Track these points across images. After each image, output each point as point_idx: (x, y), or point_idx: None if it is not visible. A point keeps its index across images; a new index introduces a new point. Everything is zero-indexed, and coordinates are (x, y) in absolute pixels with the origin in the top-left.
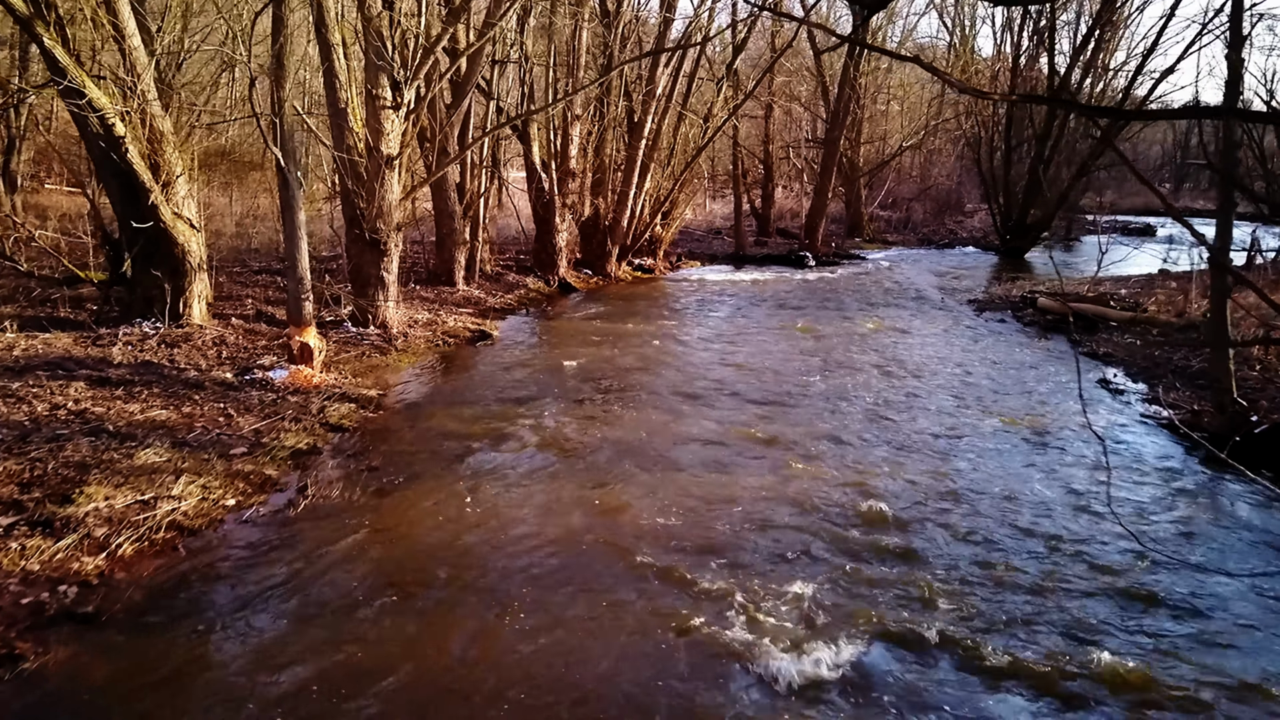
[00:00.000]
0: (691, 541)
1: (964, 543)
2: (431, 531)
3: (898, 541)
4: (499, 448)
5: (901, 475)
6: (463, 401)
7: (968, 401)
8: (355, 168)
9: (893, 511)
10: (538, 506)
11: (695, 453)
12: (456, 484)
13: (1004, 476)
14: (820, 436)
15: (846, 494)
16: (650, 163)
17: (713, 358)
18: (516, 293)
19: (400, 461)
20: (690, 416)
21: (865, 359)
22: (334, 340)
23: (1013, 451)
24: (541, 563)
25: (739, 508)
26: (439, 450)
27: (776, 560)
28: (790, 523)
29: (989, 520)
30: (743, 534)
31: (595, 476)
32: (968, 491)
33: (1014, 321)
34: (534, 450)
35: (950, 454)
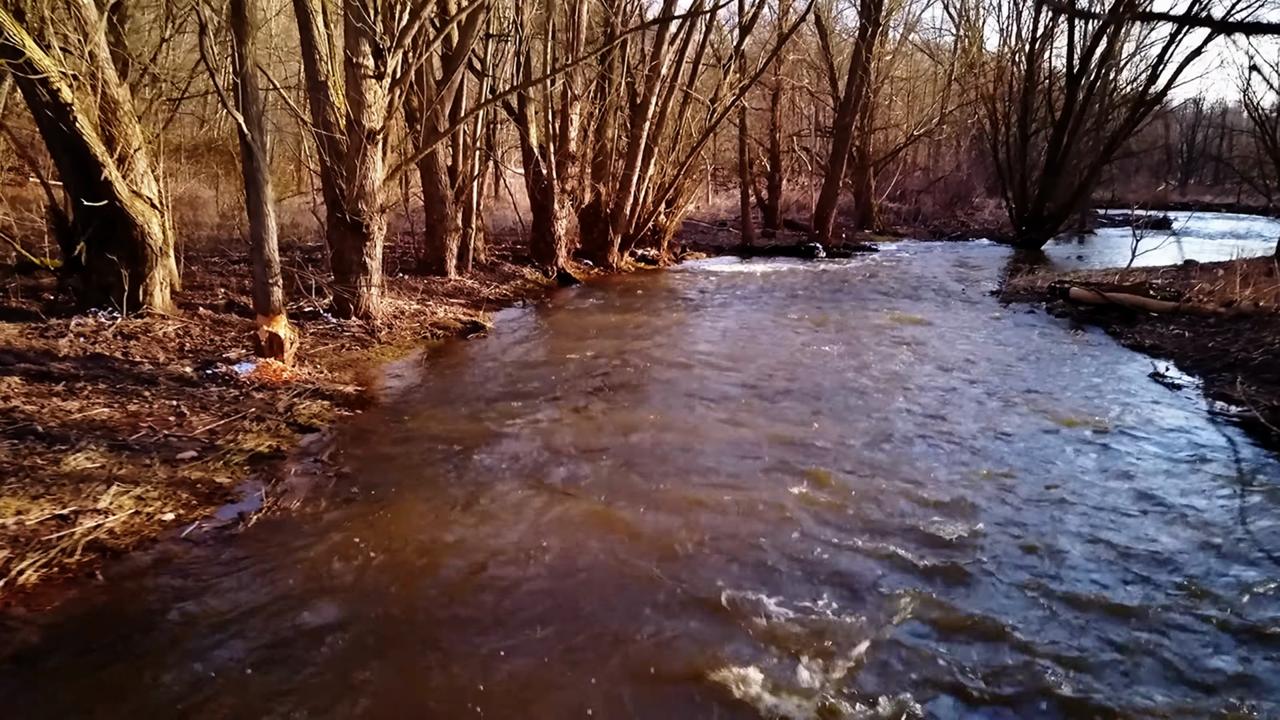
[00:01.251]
0: (718, 572)
1: (1058, 573)
2: (406, 555)
3: (968, 568)
4: (490, 452)
5: (958, 484)
6: (450, 399)
7: (1013, 399)
8: (336, 146)
9: (955, 530)
10: (533, 524)
11: (713, 460)
12: (439, 495)
13: (1081, 486)
14: (856, 439)
15: (898, 507)
16: (654, 147)
17: (726, 352)
18: (512, 283)
19: (375, 468)
20: (705, 418)
21: (892, 352)
22: (311, 332)
23: (1080, 456)
24: (537, 598)
25: (767, 524)
26: (421, 454)
27: (824, 595)
28: (835, 543)
29: (1077, 540)
30: (775, 557)
31: (599, 487)
32: (1042, 505)
33: (1044, 313)
34: (529, 456)
35: (1011, 459)
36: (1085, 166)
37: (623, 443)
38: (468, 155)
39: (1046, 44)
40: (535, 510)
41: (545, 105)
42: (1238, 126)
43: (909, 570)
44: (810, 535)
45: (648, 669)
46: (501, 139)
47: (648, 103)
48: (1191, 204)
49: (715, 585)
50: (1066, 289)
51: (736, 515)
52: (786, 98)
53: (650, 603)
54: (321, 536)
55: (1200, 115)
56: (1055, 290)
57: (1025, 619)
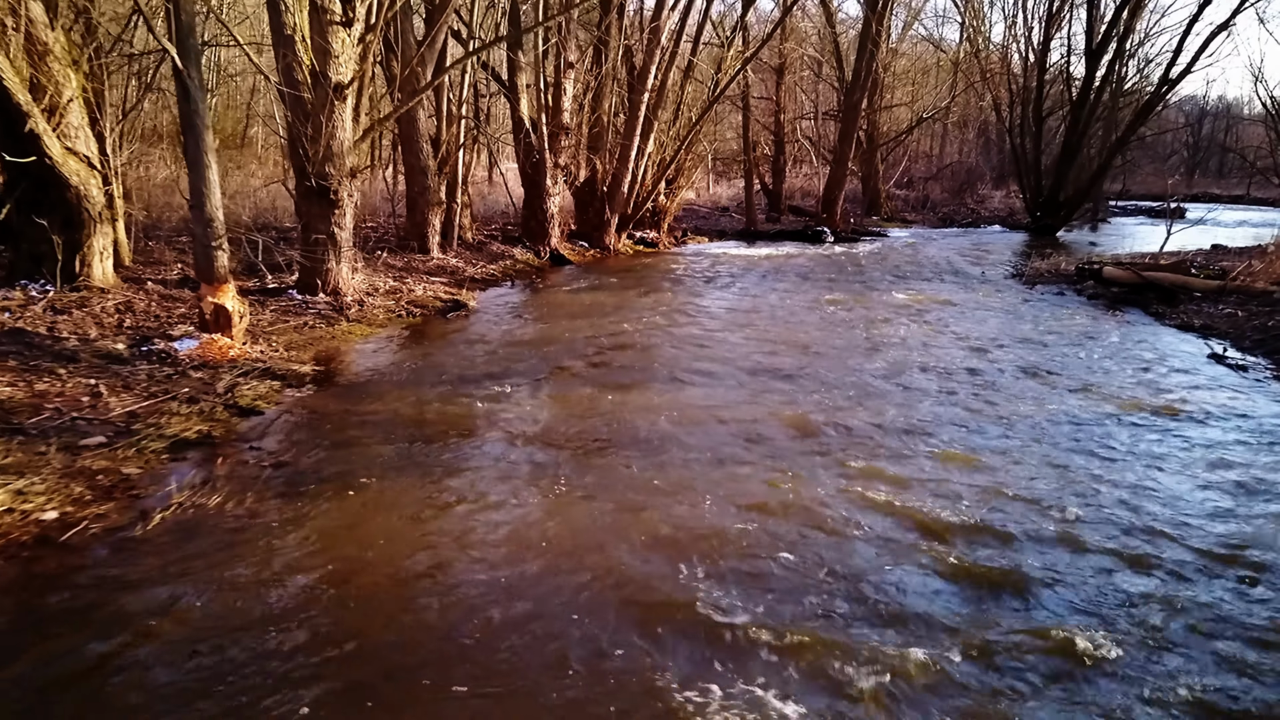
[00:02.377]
0: (731, 586)
1: (1167, 594)
2: (346, 570)
3: (1049, 580)
4: (463, 440)
5: (1021, 480)
6: (422, 380)
7: (1063, 381)
8: (303, 105)
9: (1024, 528)
10: (512, 527)
11: (723, 448)
12: (397, 491)
13: (1161, 479)
14: (887, 425)
15: (950, 505)
16: (654, 120)
17: (734, 331)
18: (501, 263)
19: (324, 457)
20: (711, 400)
21: (919, 333)
22: (272, 309)
23: (1155, 443)
24: (516, 630)
25: (792, 528)
26: (381, 442)
27: (876, 623)
28: (884, 551)
29: (1174, 547)
30: (806, 571)
31: (589, 483)
32: (1130, 506)
33: (1074, 295)
34: (509, 444)
35: (1078, 450)
36: (1104, 149)
37: (618, 430)
38: (452, 123)
39: (1061, 20)
40: (515, 509)
41: (537, 72)
42: (1242, 119)
43: (961, 580)
44: (868, 542)
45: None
46: (495, 130)
47: (647, 72)
48: (1200, 195)
49: (728, 610)
50: (1098, 270)
51: (767, 520)
52: (791, 78)
53: (658, 639)
54: (239, 542)
55: (1206, 107)
56: (1084, 271)
57: (1137, 642)
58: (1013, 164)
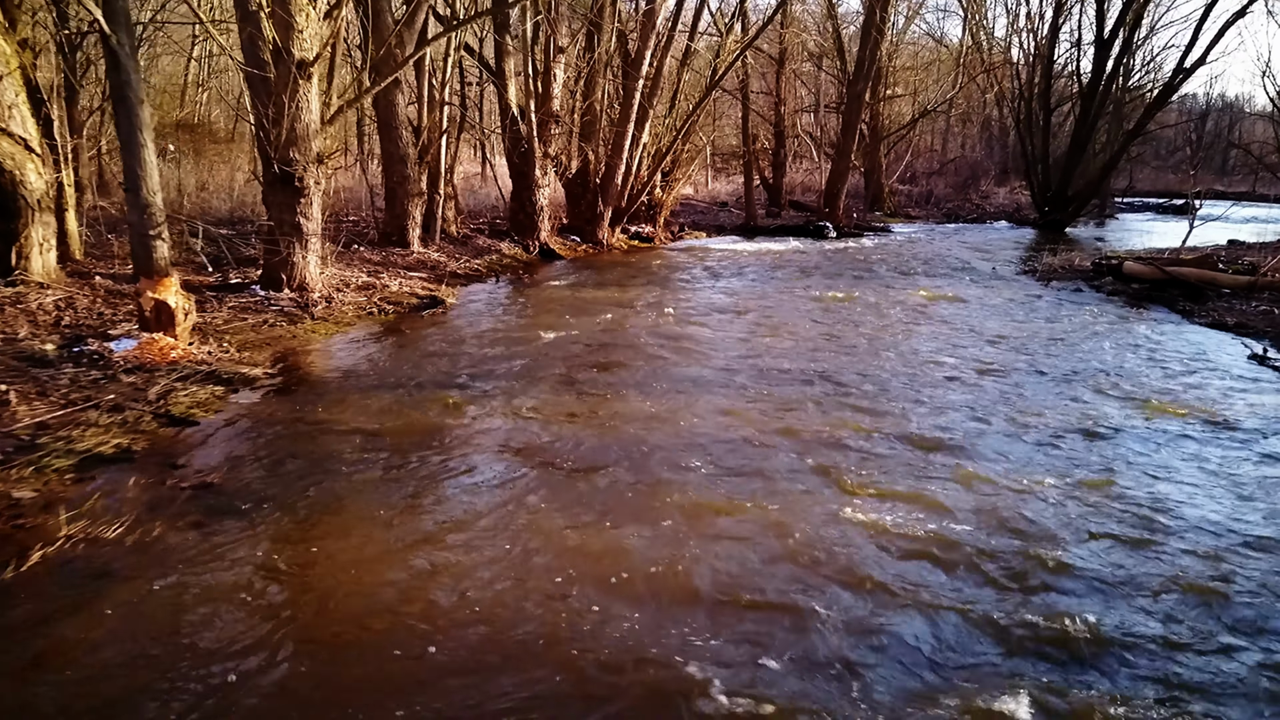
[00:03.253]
0: (738, 630)
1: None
2: (268, 630)
3: (1110, 625)
4: (428, 456)
5: (1060, 498)
6: (387, 385)
7: (1100, 386)
8: (268, 86)
9: (1079, 558)
10: (479, 563)
11: (724, 460)
12: (344, 521)
13: (1217, 495)
14: (905, 435)
15: (984, 528)
16: (649, 109)
17: (734, 331)
18: (486, 258)
19: (261, 477)
20: (711, 406)
21: (931, 331)
22: (231, 306)
23: (1204, 454)
24: (489, 700)
25: (812, 557)
26: (331, 459)
27: (910, 670)
28: (911, 587)
29: (1242, 570)
30: (830, 612)
31: (574, 502)
32: (1186, 525)
33: (1092, 291)
34: (480, 461)
35: (1121, 462)
36: (1113, 142)
37: (608, 440)
38: (434, 108)
39: (1069, 9)
40: (485, 537)
41: (526, 58)
42: (1245, 115)
43: (1005, 617)
44: (863, 578)
45: None
46: (488, 124)
47: (642, 58)
48: (1205, 192)
49: (735, 663)
50: (1117, 265)
51: (774, 543)
52: (791, 69)
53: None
54: (129, 588)
55: (1210, 104)
56: (1102, 267)
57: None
58: (1019, 158)
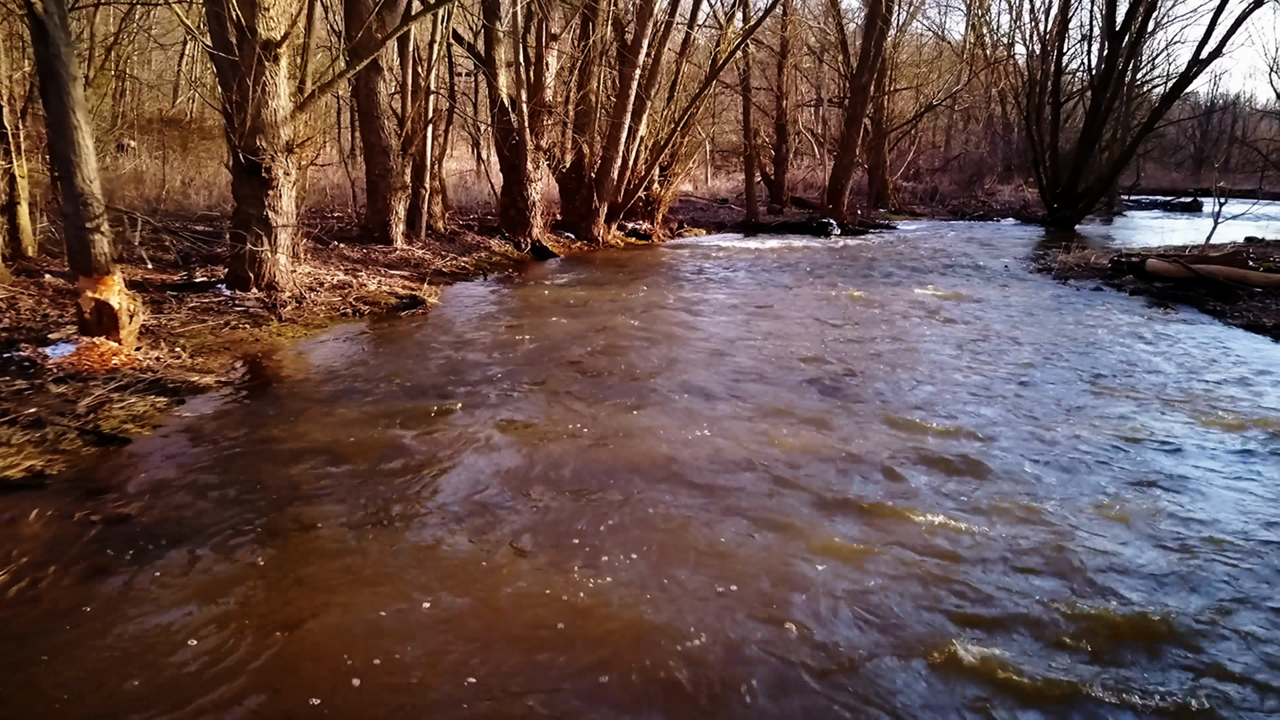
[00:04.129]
0: (755, 696)
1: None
2: (170, 710)
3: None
4: (395, 478)
5: (1121, 531)
6: (353, 394)
7: (1143, 395)
8: (236, 69)
9: (1152, 608)
10: (445, 620)
11: (731, 484)
12: (287, 559)
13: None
14: (939, 457)
15: (1030, 564)
16: (646, 100)
17: (741, 333)
18: (474, 255)
19: (191, 507)
20: (717, 422)
21: (950, 334)
22: (191, 306)
23: (1270, 473)
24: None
25: (838, 602)
26: (281, 481)
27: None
28: (955, 634)
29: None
30: (859, 667)
31: (559, 536)
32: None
33: (1113, 290)
34: (455, 484)
35: (1181, 485)
36: (1121, 138)
37: (599, 459)
38: (418, 96)
39: (1078, 0)
40: (456, 580)
41: (517, 45)
42: (1250, 113)
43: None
44: (900, 630)
45: None
46: (484, 117)
47: (639, 46)
48: (1212, 190)
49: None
50: (1138, 263)
51: (794, 587)
52: (792, 62)
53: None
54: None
55: (1215, 101)
56: (1122, 265)
57: None
58: (1028, 153)
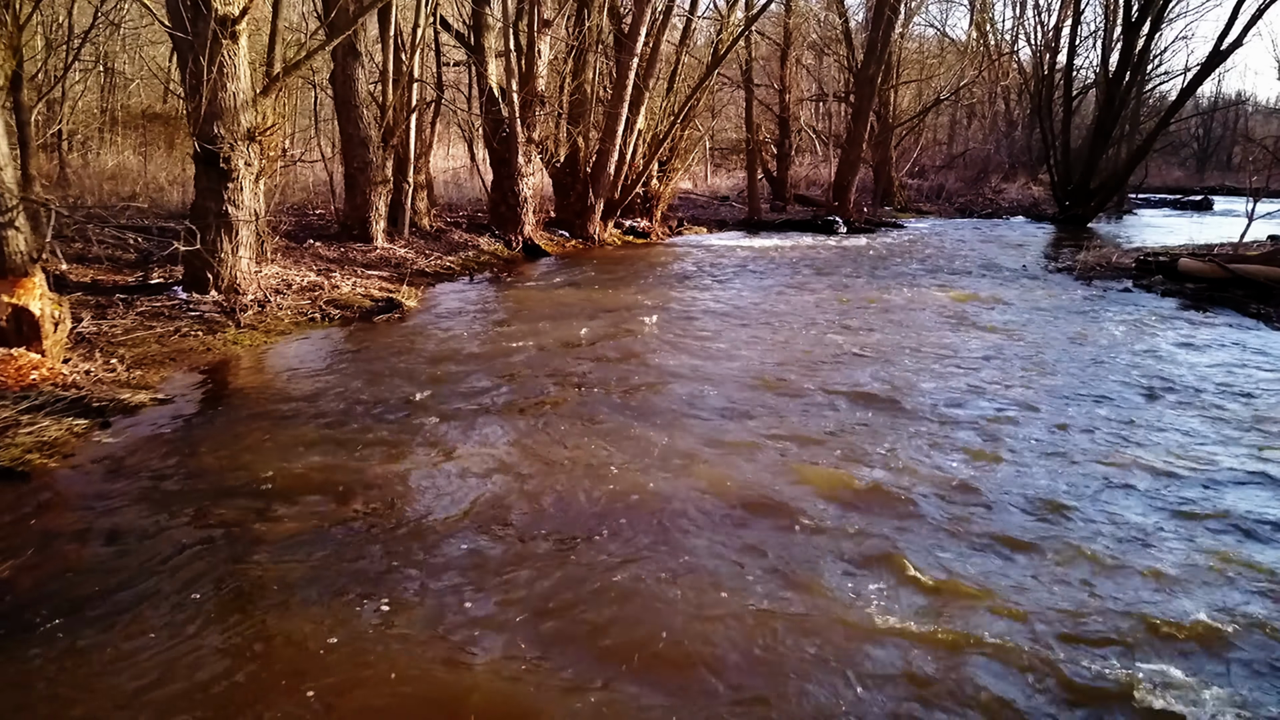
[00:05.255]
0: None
1: None
2: None
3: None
4: (347, 522)
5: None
6: (308, 414)
7: (1222, 412)
8: (193, 49)
9: None
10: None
11: (749, 537)
12: (192, 649)
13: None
14: (977, 491)
15: (1113, 642)
16: (644, 90)
17: (750, 342)
18: (460, 254)
19: (79, 569)
20: (725, 444)
21: (980, 342)
22: (140, 310)
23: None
24: None
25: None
26: (205, 530)
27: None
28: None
29: None
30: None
31: (534, 622)
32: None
33: (1142, 291)
34: (411, 533)
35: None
36: (1131, 132)
37: (592, 495)
38: (400, 84)
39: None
40: (421, 664)
41: (507, 32)
42: (1255, 111)
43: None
44: None
45: None
46: (477, 109)
47: (636, 33)
48: (1218, 188)
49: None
50: (1167, 263)
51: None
52: (795, 54)
53: None
54: None
55: (1219, 99)
56: (1148, 264)
57: None
58: (1027, 151)
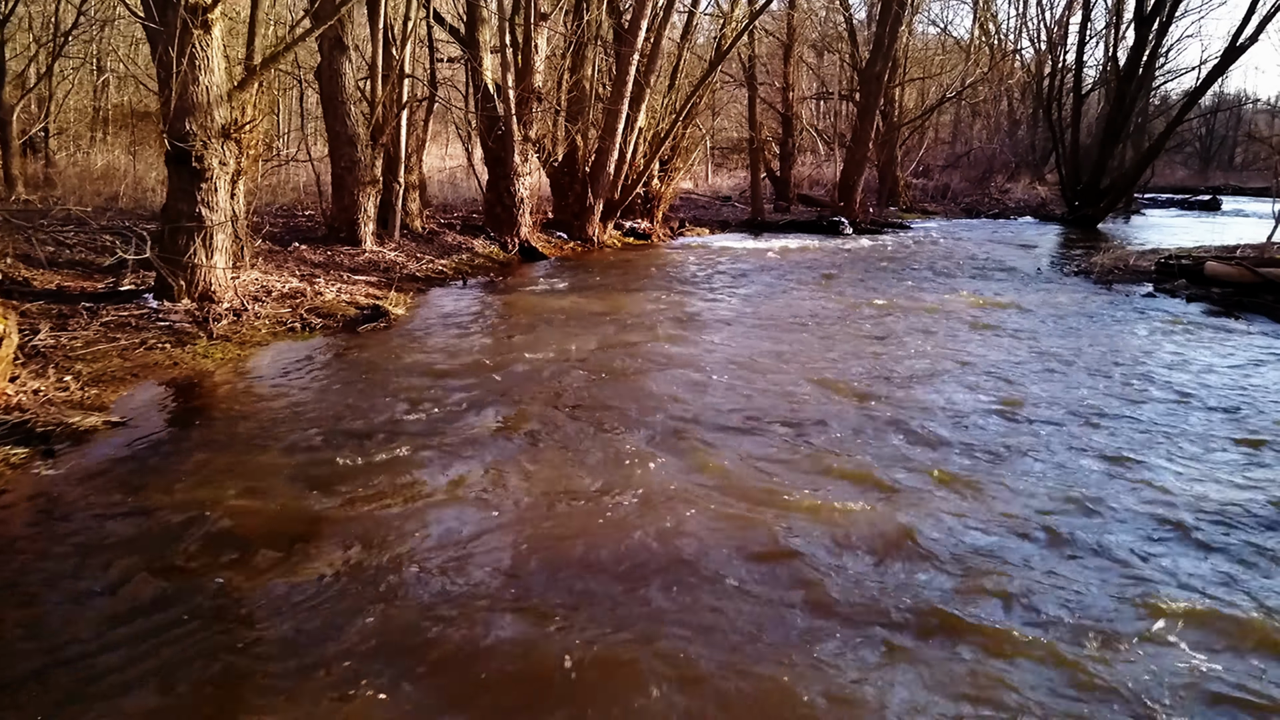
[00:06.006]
0: None
1: None
2: None
3: None
4: (310, 577)
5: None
6: (275, 440)
7: (1271, 434)
8: (166, 45)
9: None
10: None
11: (765, 592)
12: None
13: None
14: (1047, 535)
15: None
16: (646, 86)
17: (763, 355)
18: (454, 258)
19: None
20: (744, 486)
21: (1008, 353)
22: (105, 320)
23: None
24: None
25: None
26: (140, 587)
27: None
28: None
29: None
30: None
31: (547, 670)
32: None
33: (1166, 296)
34: (378, 596)
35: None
36: (1147, 131)
37: (593, 540)
38: (390, 79)
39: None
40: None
41: (503, 25)
42: (1251, 110)
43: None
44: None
45: None
46: (473, 107)
47: (637, 27)
48: (1224, 187)
49: None
50: (1191, 267)
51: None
52: (799, 51)
53: None
54: None
55: (1221, 97)
56: (1169, 268)
57: None
58: (1031, 150)
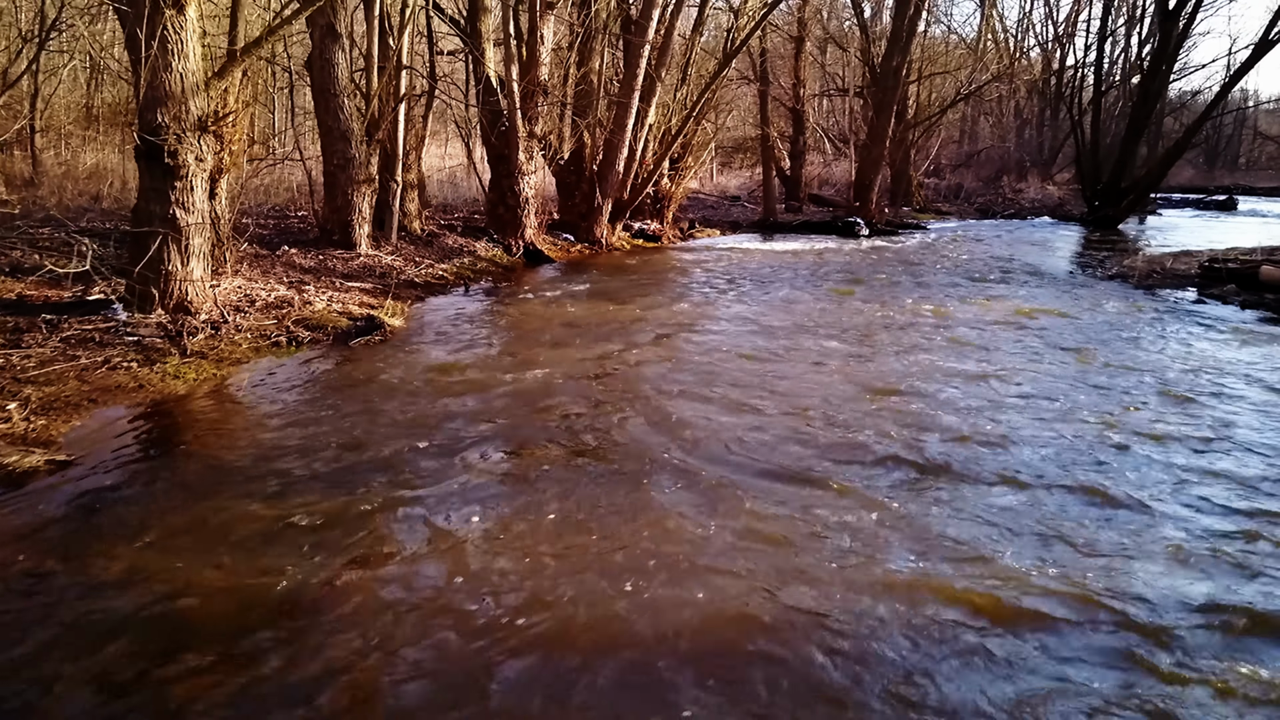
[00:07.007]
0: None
1: None
2: None
3: None
4: (267, 674)
5: None
6: (244, 483)
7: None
8: (134, 27)
9: None
10: None
11: (808, 678)
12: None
13: None
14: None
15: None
16: (657, 80)
17: (791, 369)
18: (455, 262)
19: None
20: (773, 531)
21: (1062, 368)
22: (65, 335)
23: None
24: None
25: None
26: (68, 684)
27: None
28: None
29: None
30: None
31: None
32: None
33: (1216, 302)
34: (348, 689)
35: None
36: (1160, 131)
37: (599, 599)
38: (386, 70)
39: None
40: None
41: (506, 15)
42: (1264, 109)
43: None
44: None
45: None
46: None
47: (648, 17)
48: (1233, 187)
49: None
50: (1241, 270)
51: None
52: (810, 46)
53: None
54: None
55: (1223, 100)
56: (1215, 271)
57: None
58: (1039, 150)
